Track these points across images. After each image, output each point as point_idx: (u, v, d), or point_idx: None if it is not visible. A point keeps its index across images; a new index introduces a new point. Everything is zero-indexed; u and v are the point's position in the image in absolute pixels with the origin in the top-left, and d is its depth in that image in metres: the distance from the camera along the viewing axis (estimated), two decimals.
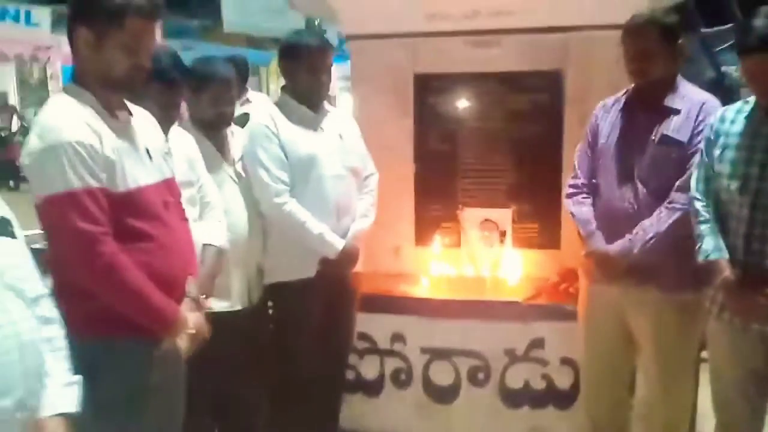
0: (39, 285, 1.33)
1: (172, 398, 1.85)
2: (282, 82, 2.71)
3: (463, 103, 3.17)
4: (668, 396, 2.34)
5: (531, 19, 2.90)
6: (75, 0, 1.68)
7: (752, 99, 2.02)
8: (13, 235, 1.30)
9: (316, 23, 10.81)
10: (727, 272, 1.97)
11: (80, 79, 1.68)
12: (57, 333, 1.34)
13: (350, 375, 2.88)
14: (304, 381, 2.61)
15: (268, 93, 11.35)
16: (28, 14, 12.21)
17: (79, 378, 1.34)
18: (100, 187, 1.59)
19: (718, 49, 4.12)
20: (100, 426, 1.51)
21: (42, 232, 1.65)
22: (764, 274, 1.91)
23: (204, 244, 2.03)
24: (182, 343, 1.77)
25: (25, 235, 1.36)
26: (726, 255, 1.99)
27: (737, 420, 2.12)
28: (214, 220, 2.17)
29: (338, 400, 2.83)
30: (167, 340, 1.74)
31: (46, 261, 1.61)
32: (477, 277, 3.01)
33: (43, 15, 12.03)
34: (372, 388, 2.90)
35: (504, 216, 3.01)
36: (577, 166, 2.47)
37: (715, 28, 4.12)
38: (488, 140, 3.13)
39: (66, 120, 1.58)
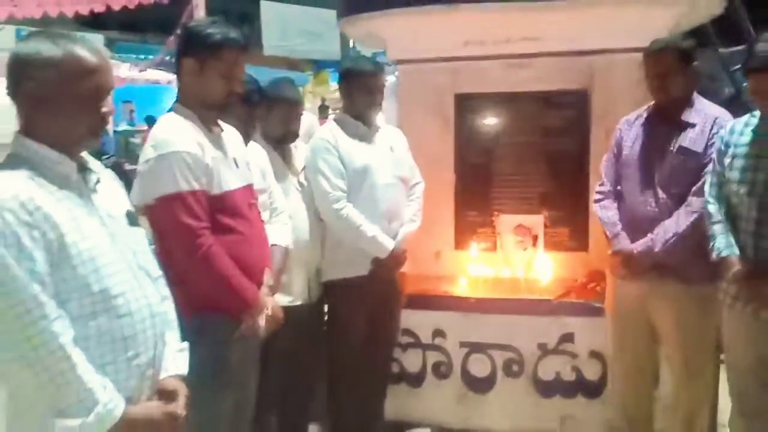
0: (157, 268, 1.58)
1: (249, 373, 2.12)
2: (316, 101, 3.01)
3: (498, 120, 3.42)
4: (691, 383, 2.53)
5: (558, 43, 3.15)
6: (183, 35, 2.02)
7: (758, 113, 2.25)
8: (139, 225, 1.58)
9: (351, 46, 11.22)
10: (737, 267, 2.18)
11: (184, 100, 2.00)
12: (171, 308, 1.59)
13: (395, 367, 3.09)
14: (354, 371, 2.84)
15: None
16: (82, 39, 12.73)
17: (186, 345, 1.60)
18: (202, 190, 1.90)
19: (735, 67, 4.31)
20: (193, 391, 1.73)
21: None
22: None
23: (272, 244, 2.28)
24: (261, 322, 2.05)
25: None
26: (736, 251, 2.20)
27: (752, 404, 2.28)
28: (281, 223, 2.43)
29: (384, 391, 3.04)
30: (248, 320, 2.02)
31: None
32: (512, 277, 3.22)
33: (96, 40, 12.56)
34: (415, 380, 3.10)
35: (536, 222, 3.24)
36: (603, 175, 2.71)
37: (732, 49, 4.32)
38: (521, 153, 3.37)
39: (176, 134, 1.91)
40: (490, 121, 3.43)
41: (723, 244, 2.24)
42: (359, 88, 2.81)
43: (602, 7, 2.99)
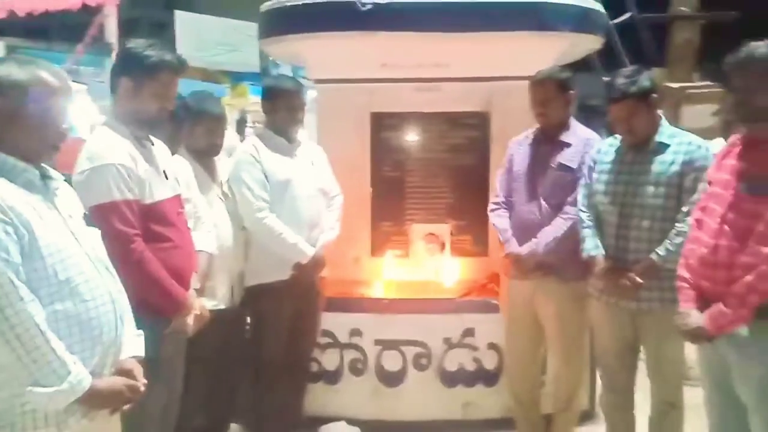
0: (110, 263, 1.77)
1: (177, 369, 2.31)
2: (234, 114, 3.18)
3: (410, 137, 3.73)
4: (569, 367, 2.91)
5: (463, 70, 3.49)
6: (121, 55, 2.22)
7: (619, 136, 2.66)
8: (94, 226, 1.78)
9: (271, 59, 11.30)
10: (602, 264, 2.57)
11: (118, 115, 2.19)
12: (125, 296, 1.77)
13: (314, 366, 3.30)
14: (276, 371, 3.03)
15: None
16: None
17: (141, 332, 1.79)
18: (135, 199, 2.10)
19: None
20: None
21: None
22: (628, 265, 2.51)
23: (197, 251, 2.44)
24: (190, 321, 2.27)
25: None
26: (602, 251, 2.58)
27: (616, 380, 2.69)
28: (206, 231, 2.61)
29: (304, 388, 3.25)
30: (177, 319, 2.22)
31: None
32: (422, 281, 3.54)
33: None
34: (332, 377, 3.32)
35: (444, 230, 3.60)
36: (497, 188, 3.07)
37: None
38: (430, 168, 3.71)
39: (110, 147, 2.10)
40: (402, 139, 3.75)
41: (591, 245, 2.62)
42: (281, 105, 3.01)
43: (500, 39, 3.33)
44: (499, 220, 3.01)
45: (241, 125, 10.00)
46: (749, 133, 2.06)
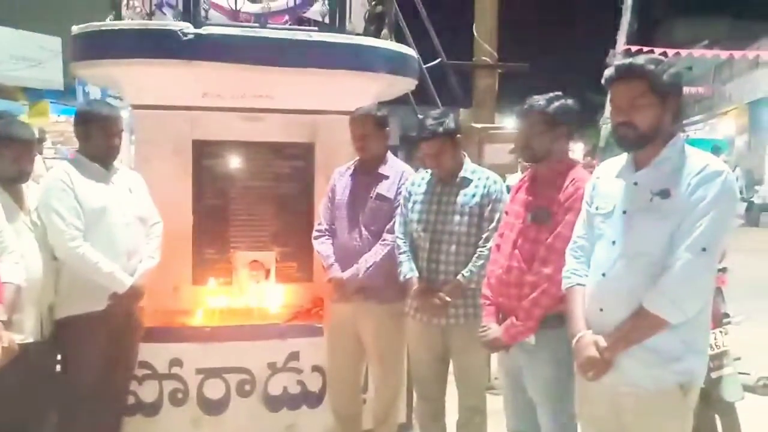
0: None
1: None
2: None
3: (234, 166, 3.76)
4: (386, 382, 3.12)
5: (288, 102, 3.60)
6: None
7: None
8: None
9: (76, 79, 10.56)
10: (416, 285, 2.82)
11: None
12: None
13: (130, 399, 3.17)
14: (89, 406, 2.87)
15: None
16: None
17: None
18: None
19: None
20: None
21: None
22: (438, 285, 2.78)
23: (3, 282, 2.33)
24: None
25: None
26: (416, 274, 2.83)
27: (428, 388, 2.96)
28: (13, 261, 2.46)
29: (120, 423, 3.11)
30: None
31: None
32: (246, 308, 3.56)
33: None
34: (151, 409, 3.22)
35: (268, 257, 3.65)
36: (321, 216, 3.23)
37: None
38: (255, 196, 3.77)
39: None
40: (226, 167, 3.76)
41: (407, 269, 2.87)
42: (97, 131, 2.92)
43: (320, 75, 3.48)
44: (322, 246, 3.16)
45: (39, 145, 9.20)
46: (533, 171, 2.45)
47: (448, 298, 2.74)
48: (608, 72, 1.98)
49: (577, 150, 7.66)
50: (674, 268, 1.84)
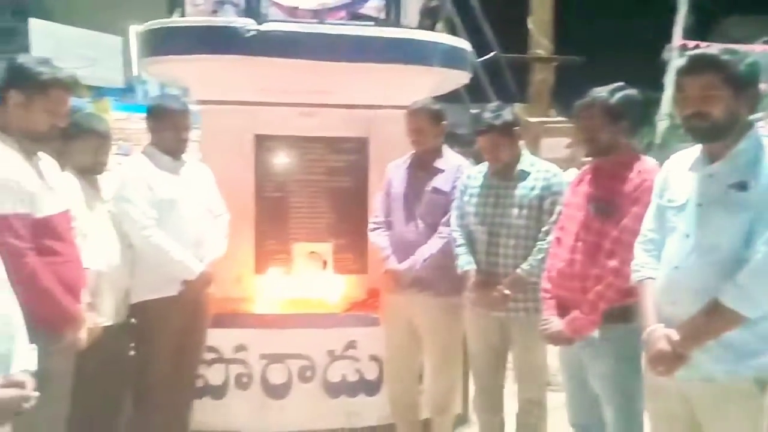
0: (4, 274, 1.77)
1: (66, 385, 2.30)
2: None
3: (293, 159, 3.86)
4: (442, 375, 3.15)
5: (343, 97, 3.69)
6: (11, 69, 2.17)
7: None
8: None
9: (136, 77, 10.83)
10: (474, 278, 2.86)
11: (6, 128, 2.16)
12: (19, 312, 1.77)
13: (199, 382, 3.32)
14: (161, 388, 3.03)
15: None
16: None
17: (35, 346, 1.78)
18: (25, 213, 2.09)
19: None
20: None
21: None
22: (497, 278, 2.81)
23: (86, 267, 2.45)
24: (83, 335, 2.27)
25: None
26: (474, 266, 2.86)
27: (486, 380, 2.99)
28: (93, 248, 2.60)
29: (190, 405, 3.25)
30: (70, 334, 2.22)
31: None
32: (305, 298, 3.66)
33: None
34: (218, 391, 3.37)
35: (326, 249, 3.75)
36: (377, 209, 3.29)
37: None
38: (313, 189, 3.86)
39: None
40: (285, 161, 3.87)
41: (464, 261, 2.90)
42: (167, 124, 3.05)
43: (376, 70, 3.55)
44: (379, 238, 3.22)
45: None
46: (596, 164, 2.44)
47: (507, 291, 2.77)
48: (681, 63, 1.95)
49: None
50: (752, 262, 1.80)
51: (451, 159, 3.20)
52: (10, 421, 1.69)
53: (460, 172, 3.11)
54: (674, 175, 2.06)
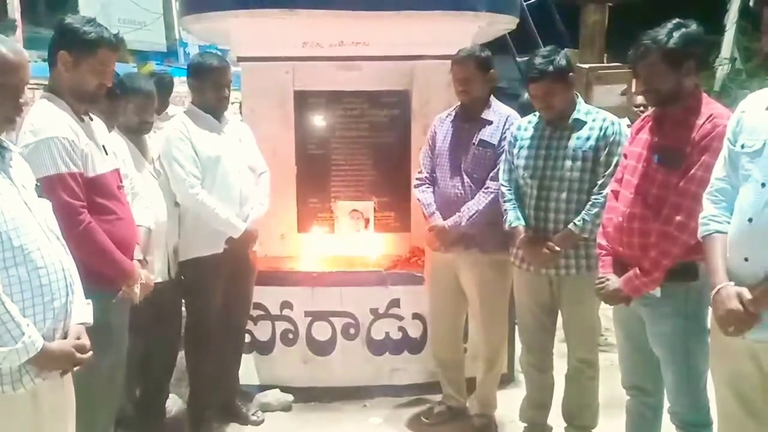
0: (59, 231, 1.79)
1: (123, 337, 2.35)
2: None
3: (333, 115, 3.79)
4: (489, 333, 3.10)
5: (384, 49, 3.58)
6: (59, 30, 2.15)
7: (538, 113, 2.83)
8: (44, 197, 1.79)
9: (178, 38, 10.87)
10: (523, 234, 2.76)
11: (56, 90, 2.16)
12: (74, 266, 1.80)
13: (247, 338, 3.37)
14: (211, 342, 3.09)
15: None
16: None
17: (90, 301, 1.82)
18: (79, 172, 2.10)
19: None
20: None
21: None
22: (547, 234, 2.71)
23: (137, 225, 2.46)
24: (136, 290, 2.29)
25: None
26: (522, 222, 2.76)
27: (535, 339, 2.90)
28: (143, 206, 2.60)
29: (239, 359, 3.31)
30: (125, 288, 2.25)
31: None
32: (348, 256, 3.66)
33: None
34: (265, 347, 3.43)
35: (367, 207, 3.71)
36: (421, 164, 3.20)
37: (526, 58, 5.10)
38: (354, 146, 3.80)
39: (53, 120, 2.07)
40: (325, 117, 3.81)
41: (513, 217, 2.80)
42: (208, 82, 3.02)
43: (418, 18, 3.43)
44: (423, 195, 3.14)
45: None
46: (660, 110, 2.25)
47: (558, 248, 2.67)
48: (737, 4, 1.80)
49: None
50: None
51: (499, 110, 3.07)
52: (68, 371, 1.74)
53: (510, 123, 2.98)
54: (749, 116, 1.87)
